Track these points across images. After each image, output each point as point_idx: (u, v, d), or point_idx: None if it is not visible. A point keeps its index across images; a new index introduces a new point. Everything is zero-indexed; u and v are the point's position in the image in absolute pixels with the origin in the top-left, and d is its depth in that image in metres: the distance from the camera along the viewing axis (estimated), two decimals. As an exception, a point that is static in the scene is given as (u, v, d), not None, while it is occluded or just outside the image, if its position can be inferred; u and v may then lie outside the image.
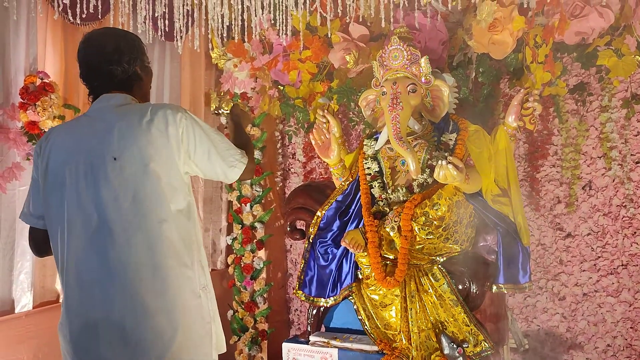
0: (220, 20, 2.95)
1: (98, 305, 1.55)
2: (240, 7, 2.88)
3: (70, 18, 2.77)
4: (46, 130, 2.73)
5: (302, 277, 2.62)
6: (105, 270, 1.55)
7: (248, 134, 2.02)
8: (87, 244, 1.57)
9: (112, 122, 1.62)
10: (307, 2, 2.70)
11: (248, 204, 3.67)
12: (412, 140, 2.46)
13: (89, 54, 1.73)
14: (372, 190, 2.52)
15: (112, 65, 1.70)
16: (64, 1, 2.70)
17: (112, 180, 1.57)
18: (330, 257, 2.55)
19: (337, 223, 2.58)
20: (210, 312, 1.71)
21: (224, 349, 1.80)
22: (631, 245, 2.83)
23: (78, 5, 2.72)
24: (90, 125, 1.67)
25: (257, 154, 3.63)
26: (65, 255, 1.61)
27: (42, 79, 2.71)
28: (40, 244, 1.74)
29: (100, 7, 2.80)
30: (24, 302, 2.73)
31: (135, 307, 1.53)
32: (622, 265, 2.85)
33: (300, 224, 2.94)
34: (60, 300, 1.73)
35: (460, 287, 2.31)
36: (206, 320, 1.68)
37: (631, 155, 2.82)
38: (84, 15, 2.75)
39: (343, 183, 2.65)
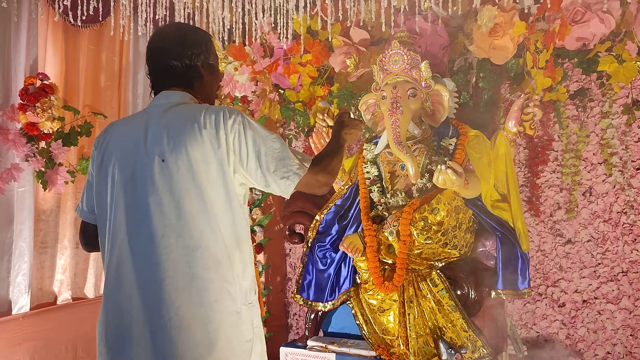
0: (221, 23, 2.95)
1: (134, 310, 1.48)
2: (241, 10, 2.88)
3: (71, 20, 2.78)
4: (45, 131, 2.73)
5: (300, 281, 2.61)
6: (144, 275, 1.48)
7: (339, 144, 1.74)
8: (129, 246, 1.50)
9: (165, 122, 1.54)
10: (308, 6, 2.70)
11: (247, 208, 3.65)
12: (411, 145, 2.45)
13: (153, 46, 1.66)
14: (371, 194, 2.51)
15: (173, 59, 1.62)
16: (64, 3, 2.70)
17: (157, 183, 1.49)
18: (329, 261, 2.54)
19: (335, 227, 2.57)
20: (253, 329, 1.59)
21: None
22: (631, 252, 2.81)
23: (79, 7, 2.72)
24: (144, 122, 1.58)
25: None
26: (108, 254, 1.55)
27: (42, 80, 2.72)
28: (89, 238, 1.67)
29: (101, 9, 2.80)
30: (21, 303, 2.72)
31: (170, 316, 1.45)
32: (622, 272, 2.84)
33: (299, 228, 2.93)
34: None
35: (458, 292, 2.29)
36: (247, 338, 1.55)
37: (632, 161, 2.81)
38: (84, 17, 2.76)
39: (342, 187, 2.65)
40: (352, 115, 1.88)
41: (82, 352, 2.97)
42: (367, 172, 2.56)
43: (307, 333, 2.63)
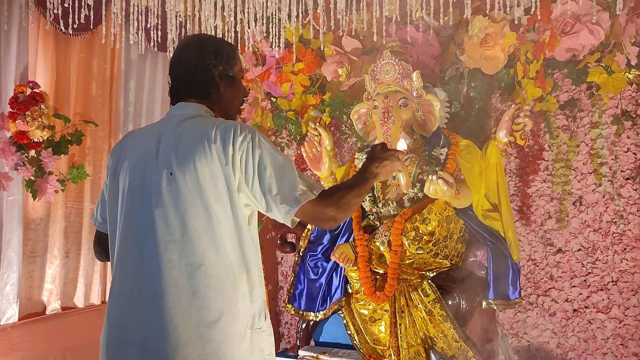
0: (213, 31, 2.94)
1: (136, 324, 1.45)
2: (233, 19, 2.88)
3: (62, 28, 2.76)
4: (35, 140, 2.71)
5: (291, 291, 2.61)
6: (145, 290, 1.45)
7: (363, 178, 1.60)
8: (133, 259, 1.48)
9: (177, 134, 1.50)
10: (301, 15, 2.71)
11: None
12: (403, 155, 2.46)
13: (173, 56, 1.65)
14: (362, 203, 2.52)
15: (189, 67, 1.59)
16: (55, 11, 2.69)
17: (164, 196, 1.46)
18: (320, 270, 2.54)
19: (327, 236, 2.57)
20: (264, 357, 1.52)
21: None
22: (621, 262, 2.83)
23: (70, 16, 2.71)
24: (158, 133, 1.54)
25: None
26: (114, 265, 1.53)
27: (32, 88, 2.69)
28: (103, 248, 1.65)
29: (92, 17, 2.79)
30: (10, 313, 2.69)
31: (169, 333, 1.41)
32: (612, 281, 2.85)
33: (291, 237, 2.93)
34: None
35: (450, 302, 2.29)
36: None
37: (621, 171, 2.83)
38: (75, 26, 2.74)
39: (334, 196, 2.64)
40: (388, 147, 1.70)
41: (71, 362, 2.94)
42: (359, 182, 2.56)
43: (298, 343, 2.62)
